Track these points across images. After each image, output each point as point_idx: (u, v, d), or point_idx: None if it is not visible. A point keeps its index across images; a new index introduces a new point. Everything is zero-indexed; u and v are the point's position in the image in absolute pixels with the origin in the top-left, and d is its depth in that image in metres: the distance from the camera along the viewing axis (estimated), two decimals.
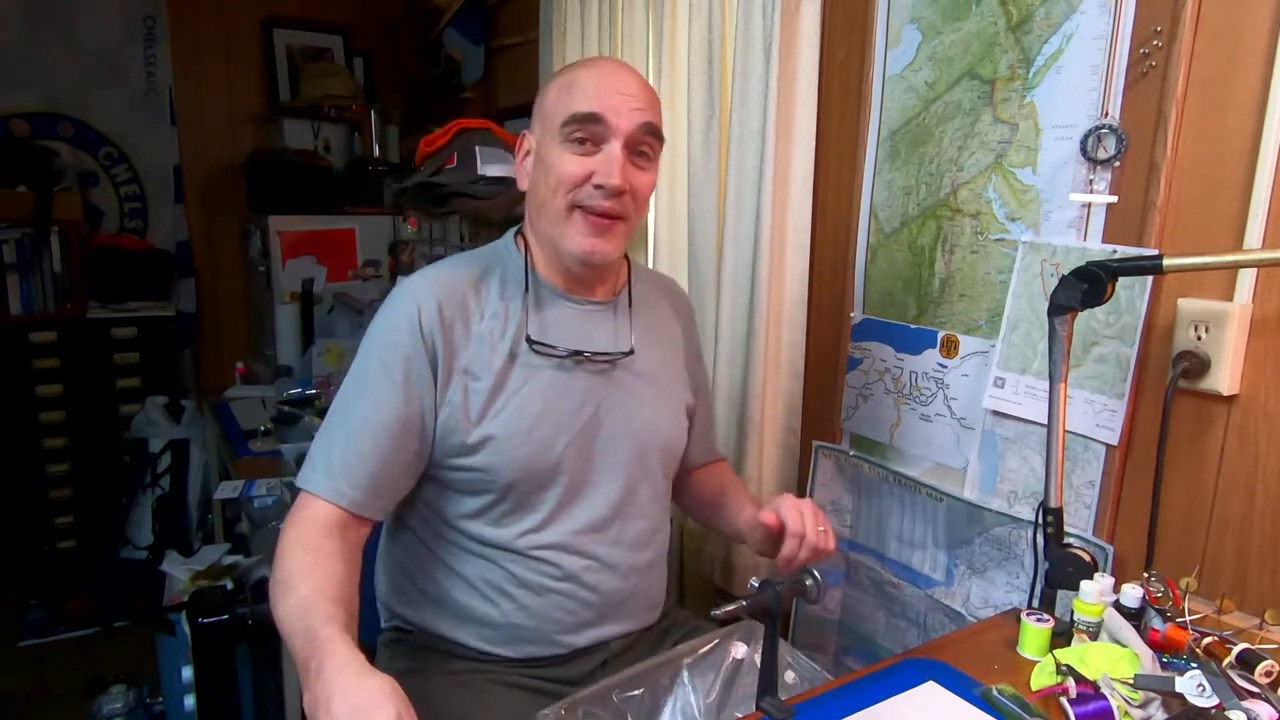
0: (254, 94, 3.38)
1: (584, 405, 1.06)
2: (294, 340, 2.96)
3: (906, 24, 1.35)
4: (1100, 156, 1.09)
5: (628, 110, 0.99)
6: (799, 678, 1.03)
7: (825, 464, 1.59)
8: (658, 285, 1.25)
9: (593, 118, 0.98)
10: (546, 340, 1.05)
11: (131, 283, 3.07)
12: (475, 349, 1.02)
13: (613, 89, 1.00)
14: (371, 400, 0.98)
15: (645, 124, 1.00)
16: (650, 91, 1.04)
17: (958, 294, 1.31)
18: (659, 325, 1.20)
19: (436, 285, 1.03)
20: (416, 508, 1.09)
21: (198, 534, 2.98)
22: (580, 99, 0.99)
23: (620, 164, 0.99)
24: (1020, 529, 1.22)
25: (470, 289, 1.05)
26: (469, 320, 1.03)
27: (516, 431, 1.01)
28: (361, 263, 3.09)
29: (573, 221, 1.01)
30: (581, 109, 0.99)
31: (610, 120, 0.99)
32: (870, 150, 1.44)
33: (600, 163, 0.99)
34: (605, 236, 1.02)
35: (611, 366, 1.09)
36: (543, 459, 1.03)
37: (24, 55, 3.00)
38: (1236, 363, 0.97)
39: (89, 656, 2.54)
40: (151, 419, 3.00)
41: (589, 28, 2.13)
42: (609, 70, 1.03)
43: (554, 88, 1.04)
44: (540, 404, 1.03)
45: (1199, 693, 0.78)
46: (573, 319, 1.09)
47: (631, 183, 1.00)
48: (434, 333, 1.00)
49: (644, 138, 1.01)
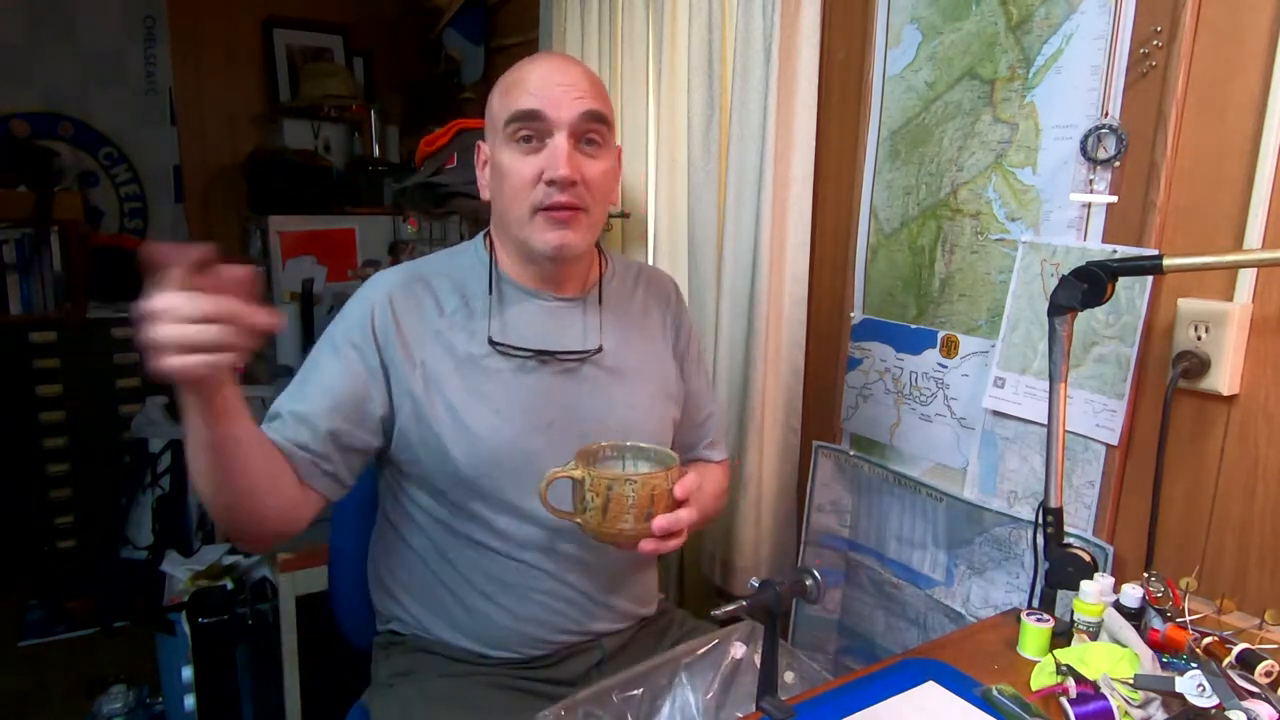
0: (254, 94, 3.38)
1: (550, 403, 1.05)
2: (294, 340, 2.96)
3: (906, 24, 1.35)
4: (1100, 156, 1.09)
5: (568, 100, 0.98)
6: (799, 678, 1.03)
7: (825, 464, 1.59)
8: (637, 276, 1.22)
9: (533, 114, 0.98)
10: (510, 340, 1.05)
11: (131, 283, 3.06)
12: (432, 346, 1.03)
13: (551, 81, 0.99)
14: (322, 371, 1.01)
15: (587, 111, 0.99)
16: (592, 79, 1.03)
17: (958, 294, 1.31)
18: (637, 318, 1.17)
19: (394, 283, 1.05)
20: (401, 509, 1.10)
21: (198, 534, 2.98)
22: (520, 97, 0.99)
23: (566, 154, 0.98)
24: (1020, 529, 1.22)
25: (429, 286, 1.06)
26: (424, 316, 1.04)
27: (479, 429, 1.01)
28: (361, 263, 3.09)
29: (535, 223, 1.01)
30: (522, 106, 0.98)
31: (551, 114, 0.98)
32: (870, 150, 1.44)
33: (547, 157, 0.98)
34: (569, 228, 1.01)
35: (580, 364, 1.08)
36: (508, 456, 1.02)
37: (24, 55, 3.00)
38: (1236, 363, 0.97)
39: (89, 656, 2.54)
40: (151, 419, 2.99)
41: (589, 28, 2.13)
42: (546, 63, 1.02)
43: (498, 91, 1.04)
44: (504, 402, 1.03)
45: (1199, 693, 0.78)
46: (539, 317, 1.08)
47: (582, 172, 0.99)
48: (386, 329, 1.01)
49: (589, 125, 1.00)
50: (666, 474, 0.90)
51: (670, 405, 1.18)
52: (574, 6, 2.18)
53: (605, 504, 0.87)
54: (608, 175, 1.04)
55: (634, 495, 0.87)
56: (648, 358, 1.16)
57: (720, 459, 1.31)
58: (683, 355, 1.22)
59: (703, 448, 1.29)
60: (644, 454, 0.99)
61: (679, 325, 1.23)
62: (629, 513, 0.87)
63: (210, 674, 1.74)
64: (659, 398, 1.16)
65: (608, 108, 1.03)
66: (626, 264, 1.23)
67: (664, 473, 0.90)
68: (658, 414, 1.16)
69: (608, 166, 1.04)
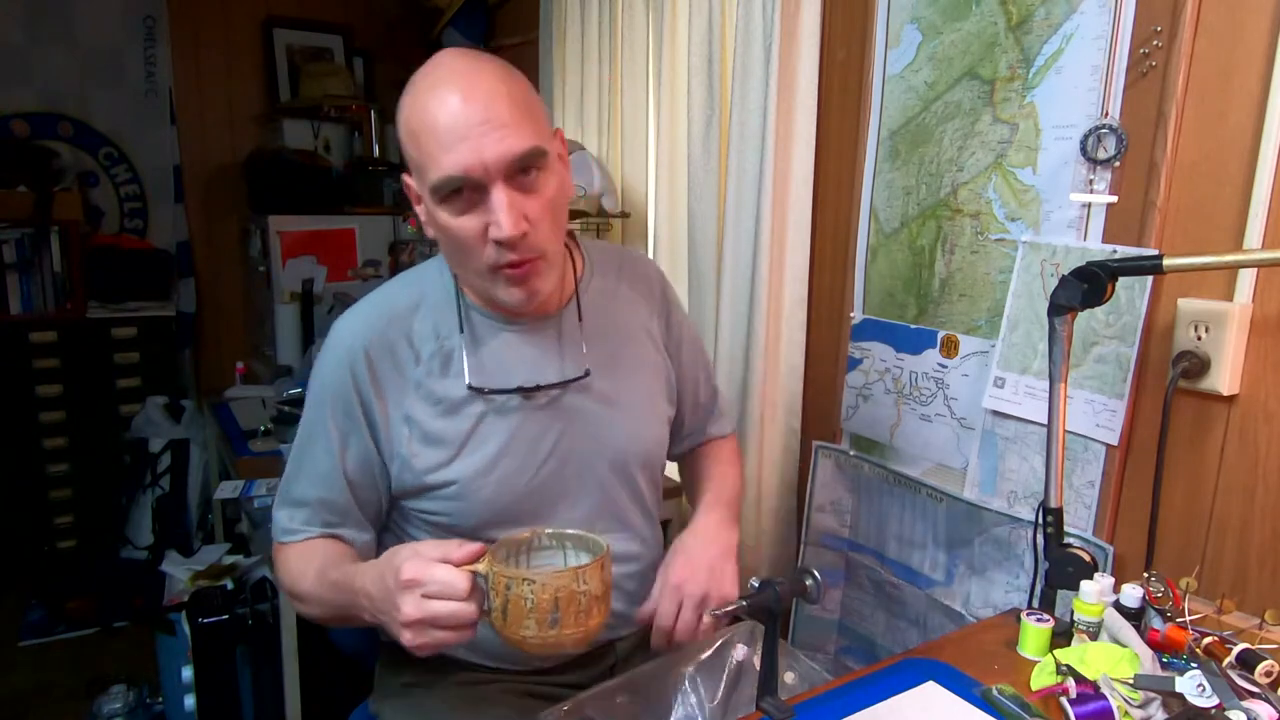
0: (254, 94, 3.38)
1: (544, 435, 1.00)
2: (294, 340, 2.96)
3: (906, 24, 1.35)
4: (1100, 156, 1.09)
5: (492, 146, 0.84)
6: (799, 677, 1.03)
7: (825, 464, 1.59)
8: (619, 269, 1.12)
9: (455, 181, 0.85)
10: (490, 381, 0.97)
11: (131, 283, 3.07)
12: (415, 396, 0.97)
13: (461, 131, 0.83)
14: (324, 449, 0.98)
15: (516, 156, 0.85)
16: (509, 92, 0.86)
17: (958, 294, 1.31)
18: (619, 320, 1.09)
19: (366, 333, 0.97)
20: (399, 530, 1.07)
21: (198, 534, 2.98)
22: (434, 164, 0.85)
23: (506, 209, 0.85)
24: (1020, 529, 1.22)
25: (402, 332, 0.97)
26: (403, 367, 0.97)
27: (474, 476, 0.97)
28: (361, 263, 3.09)
29: (497, 280, 0.91)
30: (440, 175, 0.85)
31: (477, 173, 0.84)
32: (870, 150, 1.44)
33: (487, 215, 0.86)
34: (532, 280, 0.91)
35: (565, 392, 1.01)
36: (505, 497, 0.98)
37: (24, 55, 2.99)
38: (1236, 363, 0.97)
39: (89, 656, 2.54)
40: (151, 419, 3.00)
41: (589, 28, 2.14)
42: (451, 99, 0.84)
43: (406, 138, 0.89)
44: (496, 444, 0.97)
45: (1199, 693, 0.78)
46: (518, 348, 1.00)
47: (529, 215, 0.87)
48: (366, 388, 0.96)
49: (519, 166, 0.86)
50: (576, 574, 0.76)
51: (666, 407, 1.13)
52: (574, 6, 2.18)
53: (505, 605, 0.75)
54: (557, 198, 0.91)
55: (533, 598, 0.74)
56: (638, 364, 1.10)
57: (728, 432, 1.26)
58: (677, 345, 1.16)
59: (710, 425, 1.24)
60: (583, 544, 0.87)
61: (668, 315, 1.15)
62: (529, 617, 0.75)
63: (210, 674, 1.73)
64: (654, 404, 1.11)
65: (535, 122, 0.88)
66: (604, 255, 1.13)
67: (572, 573, 0.76)
68: (655, 423, 1.11)
69: (554, 189, 0.91)
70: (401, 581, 0.76)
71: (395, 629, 0.78)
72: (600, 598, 0.78)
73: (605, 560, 0.79)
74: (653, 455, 1.11)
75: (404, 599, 0.76)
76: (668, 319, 1.15)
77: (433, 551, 0.78)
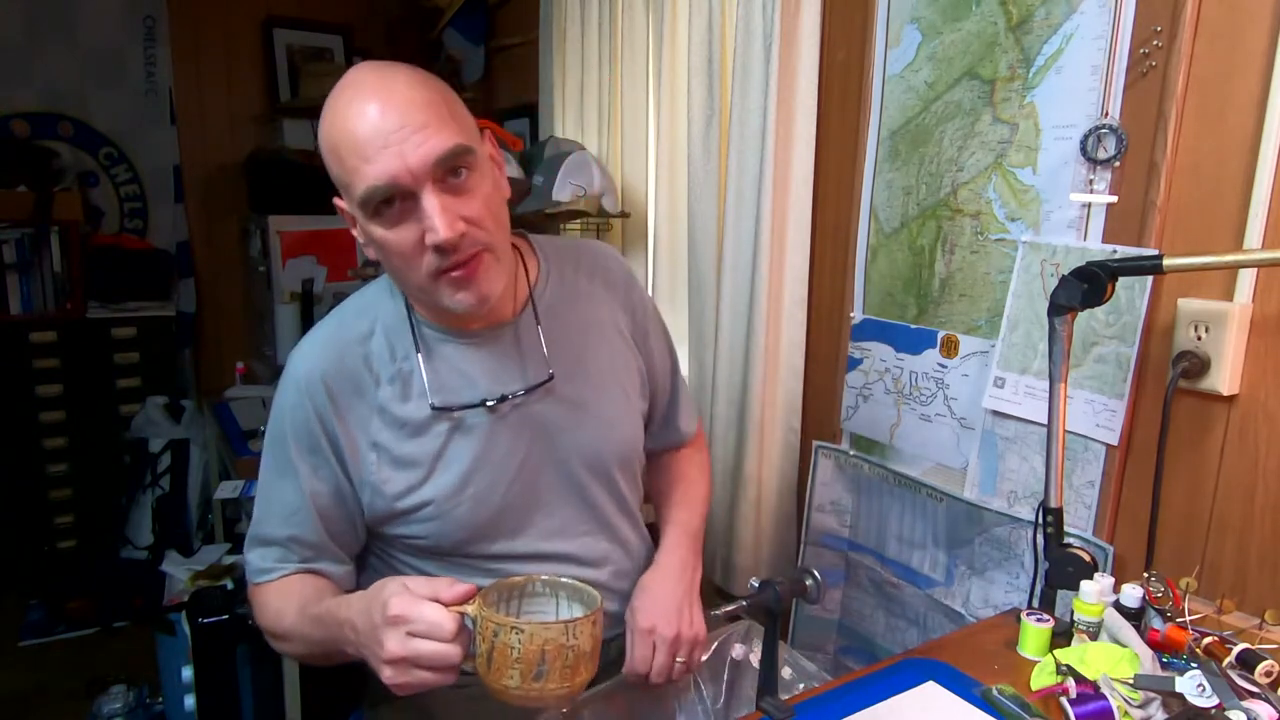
0: (254, 94, 3.38)
1: (515, 447, 0.97)
2: (294, 340, 2.93)
3: (906, 24, 1.35)
4: (1100, 156, 1.09)
5: (413, 150, 0.81)
6: (797, 675, 1.03)
7: (825, 464, 1.59)
8: (576, 264, 1.08)
9: (382, 191, 0.82)
10: (453, 400, 0.95)
11: (131, 283, 3.07)
12: (379, 421, 0.94)
13: (382, 134, 0.81)
14: (292, 486, 0.95)
15: (442, 155, 0.82)
16: (425, 95, 0.84)
17: (958, 294, 1.31)
18: (582, 317, 1.05)
19: (322, 362, 0.94)
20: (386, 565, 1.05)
21: (198, 534, 2.98)
22: (357, 175, 0.82)
23: (440, 211, 0.82)
24: (1020, 529, 1.22)
25: (359, 358, 0.95)
26: (364, 393, 0.94)
27: (448, 496, 0.94)
28: (361, 263, 3.07)
29: (441, 286, 0.87)
30: (364, 187, 0.82)
31: (403, 179, 0.81)
32: (870, 150, 1.44)
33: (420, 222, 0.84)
34: (478, 281, 0.87)
35: (530, 399, 0.98)
36: (482, 513, 0.96)
37: (24, 55, 2.99)
38: (1236, 363, 0.97)
39: (89, 656, 2.54)
40: (151, 419, 3.00)
41: (589, 28, 2.14)
42: (366, 119, 0.82)
43: (328, 156, 0.86)
44: (467, 461, 0.95)
45: (1199, 693, 0.78)
46: (476, 361, 0.97)
47: (465, 215, 0.84)
48: (329, 417, 0.93)
49: (445, 166, 0.83)
50: (566, 628, 0.73)
51: (639, 401, 1.10)
52: (574, 6, 2.18)
53: (490, 652, 0.73)
54: (492, 197, 0.89)
55: (519, 648, 0.71)
56: (606, 361, 1.06)
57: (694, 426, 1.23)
58: (643, 335, 1.12)
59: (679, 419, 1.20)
60: (578, 595, 0.84)
61: (632, 305, 1.11)
62: (514, 667, 0.72)
63: (210, 674, 1.73)
64: (627, 400, 1.08)
65: (458, 121, 0.86)
66: (560, 251, 1.09)
67: (562, 625, 0.73)
68: (629, 421, 1.08)
69: (488, 188, 0.88)
70: (388, 617, 0.74)
71: (377, 664, 0.76)
72: (589, 654, 0.75)
73: (597, 616, 0.76)
74: (629, 454, 1.09)
75: (388, 635, 0.74)
76: (633, 310, 1.11)
77: (422, 589, 0.76)
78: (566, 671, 0.74)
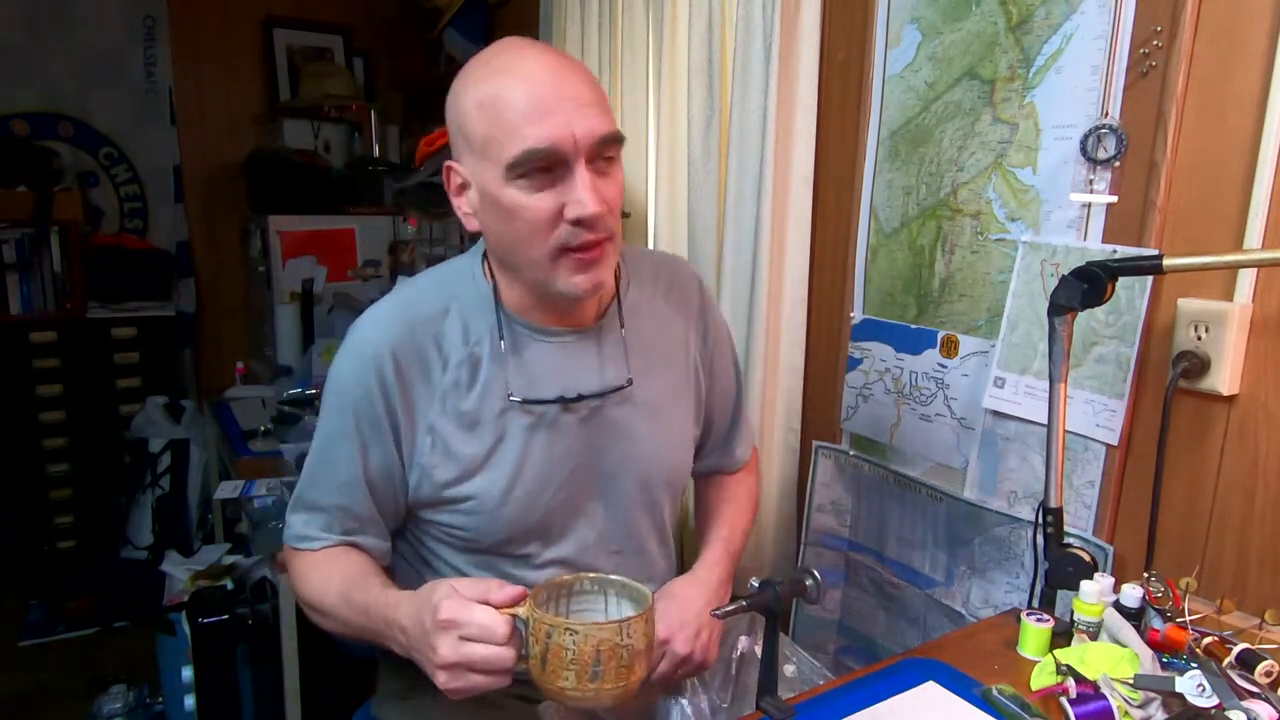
0: (254, 94, 3.38)
1: (572, 451, 0.96)
2: (294, 340, 2.96)
3: (906, 24, 1.35)
4: (1100, 156, 1.09)
5: (581, 120, 0.82)
6: (798, 670, 1.03)
7: (825, 464, 1.59)
8: (650, 276, 1.07)
9: (538, 155, 0.81)
10: (529, 392, 0.94)
11: (131, 283, 3.07)
12: (440, 405, 0.93)
13: (549, 104, 0.81)
14: (345, 456, 0.94)
15: (603, 137, 0.84)
16: (588, 82, 0.85)
17: (958, 294, 1.31)
18: (660, 332, 1.05)
19: (393, 336, 0.92)
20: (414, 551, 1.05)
21: (198, 534, 2.98)
22: (515, 136, 0.81)
23: (591, 186, 0.83)
24: (1020, 529, 1.22)
25: (430, 336, 0.93)
26: (430, 374, 0.93)
27: (494, 493, 0.94)
28: (361, 263, 3.09)
29: (560, 265, 0.86)
30: (528, 147, 0.81)
31: (566, 147, 0.81)
32: (870, 150, 1.44)
33: (566, 193, 0.83)
34: (599, 267, 0.88)
35: (605, 403, 0.97)
36: (528, 516, 0.96)
37: (24, 55, 3.00)
38: (1236, 363, 0.97)
39: (89, 656, 2.54)
40: (151, 419, 3.00)
41: (589, 28, 2.14)
42: (540, 73, 0.83)
43: (476, 111, 0.85)
44: (522, 459, 0.94)
45: (1199, 693, 0.78)
46: (555, 357, 0.96)
47: (606, 199, 0.85)
48: (393, 394, 0.92)
49: (602, 146, 0.85)
50: (620, 628, 0.72)
51: (693, 428, 1.09)
52: (574, 6, 2.18)
53: (544, 653, 0.72)
54: (622, 187, 0.90)
55: (574, 648, 0.71)
56: (672, 381, 1.05)
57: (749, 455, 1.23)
58: (711, 360, 1.11)
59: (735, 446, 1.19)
60: (628, 592, 0.83)
61: (705, 329, 1.10)
62: (569, 669, 0.71)
63: (210, 674, 1.74)
64: (686, 421, 1.07)
65: (610, 115, 0.88)
66: (641, 262, 1.08)
67: (616, 625, 0.73)
68: (684, 444, 1.07)
69: (621, 179, 0.90)
70: (439, 621, 0.73)
71: (430, 669, 0.76)
72: (643, 653, 0.74)
73: (650, 615, 0.76)
74: (677, 476, 1.09)
75: (441, 640, 0.73)
76: (705, 331, 1.10)
77: (471, 591, 0.75)
78: (622, 671, 0.73)
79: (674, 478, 1.07)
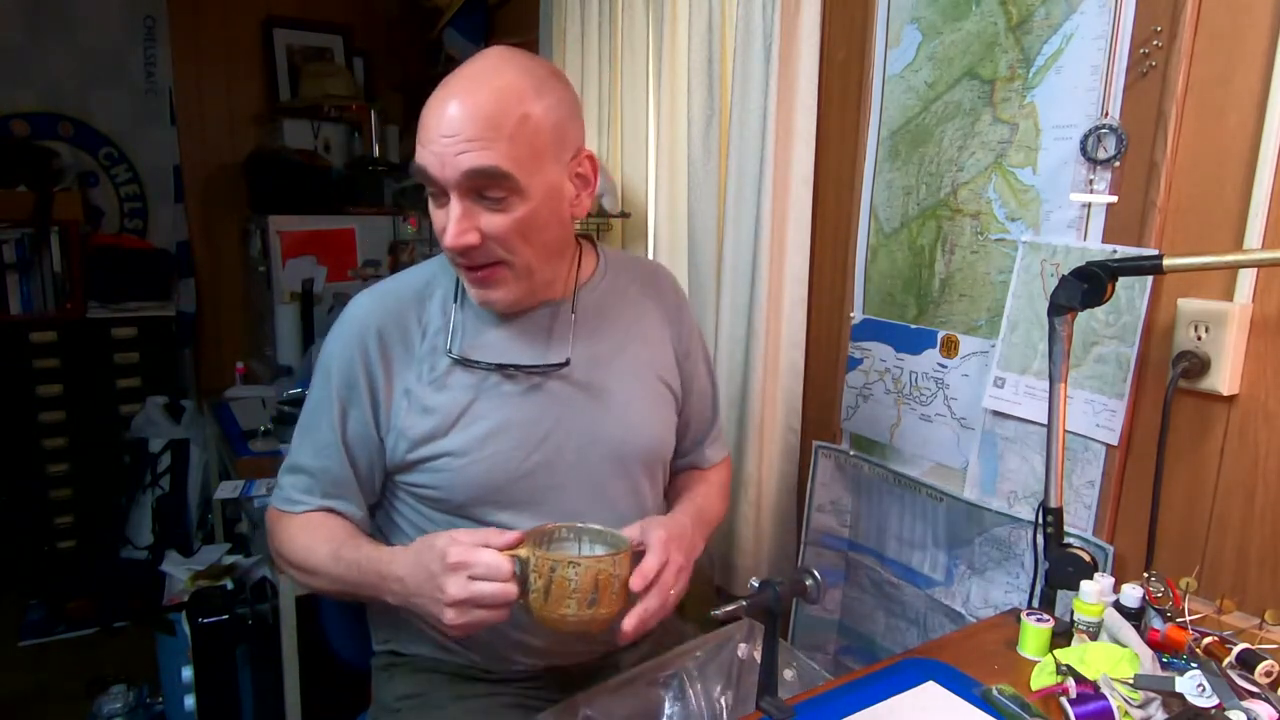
0: (254, 94, 3.38)
1: (540, 420, 1.01)
2: (294, 340, 2.96)
3: (906, 24, 1.35)
4: (1100, 156, 1.09)
5: (450, 158, 0.86)
6: (798, 675, 1.03)
7: (825, 464, 1.59)
8: (629, 274, 1.13)
9: (425, 173, 0.89)
10: (470, 355, 0.99)
11: (131, 283, 3.07)
12: (417, 369, 1.00)
13: (435, 133, 0.87)
14: (327, 421, 1.01)
15: (469, 171, 0.86)
16: (488, 114, 0.86)
17: (958, 294, 1.31)
18: (624, 320, 1.09)
19: (381, 312, 1.01)
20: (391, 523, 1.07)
21: (198, 534, 2.98)
22: (418, 151, 0.90)
23: (456, 219, 0.88)
24: (1020, 529, 1.22)
25: (413, 308, 1.01)
26: (410, 342, 1.00)
27: (466, 450, 0.98)
28: (361, 263, 3.09)
29: (463, 273, 0.97)
30: (417, 162, 0.89)
31: (436, 174, 0.88)
32: (870, 150, 1.44)
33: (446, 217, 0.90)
34: (491, 287, 0.95)
35: (545, 379, 1.01)
36: (498, 476, 0.99)
37: (24, 55, 3.00)
38: (1236, 363, 0.97)
39: (89, 656, 2.54)
40: (151, 419, 3.00)
41: (589, 27, 2.14)
42: (438, 107, 0.88)
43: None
44: (490, 422, 0.99)
45: (1199, 693, 0.78)
46: (504, 328, 1.02)
47: (484, 229, 0.89)
48: (375, 366, 0.99)
49: (474, 183, 0.87)
50: (613, 559, 0.84)
51: (670, 413, 1.13)
52: (574, 6, 2.18)
53: (548, 586, 0.82)
54: (524, 221, 0.90)
55: (576, 579, 0.82)
56: (638, 365, 1.09)
57: (721, 457, 1.26)
58: (685, 355, 1.15)
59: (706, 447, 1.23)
60: (600, 537, 0.93)
61: (679, 325, 1.16)
62: (571, 597, 0.82)
63: (210, 674, 1.74)
64: (655, 406, 1.10)
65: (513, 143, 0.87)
66: (624, 262, 1.15)
67: (610, 558, 0.85)
68: (656, 422, 1.10)
69: (524, 213, 0.90)
70: (448, 564, 0.81)
71: (437, 609, 0.82)
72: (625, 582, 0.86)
73: (631, 549, 0.88)
74: (654, 452, 1.10)
75: (449, 581, 0.81)
76: (679, 328, 1.16)
77: (471, 538, 0.83)
78: (612, 598, 0.84)
79: (648, 454, 1.09)
